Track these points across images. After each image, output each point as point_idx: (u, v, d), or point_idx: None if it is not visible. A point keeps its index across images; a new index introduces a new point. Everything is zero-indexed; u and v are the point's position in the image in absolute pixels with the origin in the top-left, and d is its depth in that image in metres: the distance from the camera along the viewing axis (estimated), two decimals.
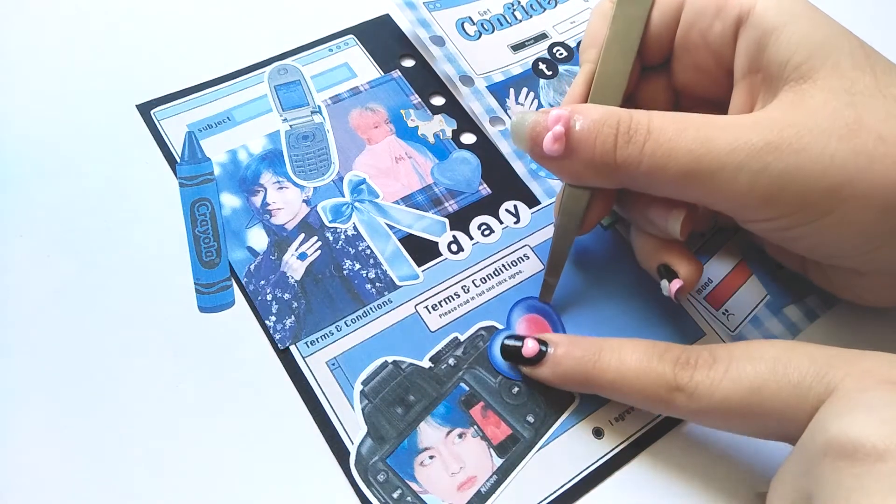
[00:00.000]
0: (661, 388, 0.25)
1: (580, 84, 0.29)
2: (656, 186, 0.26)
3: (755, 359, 0.24)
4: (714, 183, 0.24)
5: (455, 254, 0.33)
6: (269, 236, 0.32)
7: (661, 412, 0.27)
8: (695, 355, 0.25)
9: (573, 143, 0.26)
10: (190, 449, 0.27)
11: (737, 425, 0.25)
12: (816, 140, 0.23)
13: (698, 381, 0.24)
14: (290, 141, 0.35)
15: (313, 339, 0.30)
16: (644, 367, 0.26)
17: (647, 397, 0.26)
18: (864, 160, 0.23)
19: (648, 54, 0.30)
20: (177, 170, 0.34)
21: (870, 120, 0.23)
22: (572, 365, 0.27)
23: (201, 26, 0.40)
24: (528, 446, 0.28)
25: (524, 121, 0.27)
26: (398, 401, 0.29)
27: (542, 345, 0.28)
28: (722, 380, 0.24)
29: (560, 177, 0.28)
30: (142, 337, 0.30)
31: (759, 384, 0.23)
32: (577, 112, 0.26)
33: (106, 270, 0.31)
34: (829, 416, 0.21)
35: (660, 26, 0.29)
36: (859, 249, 0.25)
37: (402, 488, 0.27)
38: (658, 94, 0.31)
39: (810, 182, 0.23)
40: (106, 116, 0.36)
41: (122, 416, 0.28)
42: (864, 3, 0.42)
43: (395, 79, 0.38)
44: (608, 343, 0.27)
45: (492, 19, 0.41)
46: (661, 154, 0.24)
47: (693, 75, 0.30)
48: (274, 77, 0.38)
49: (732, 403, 0.24)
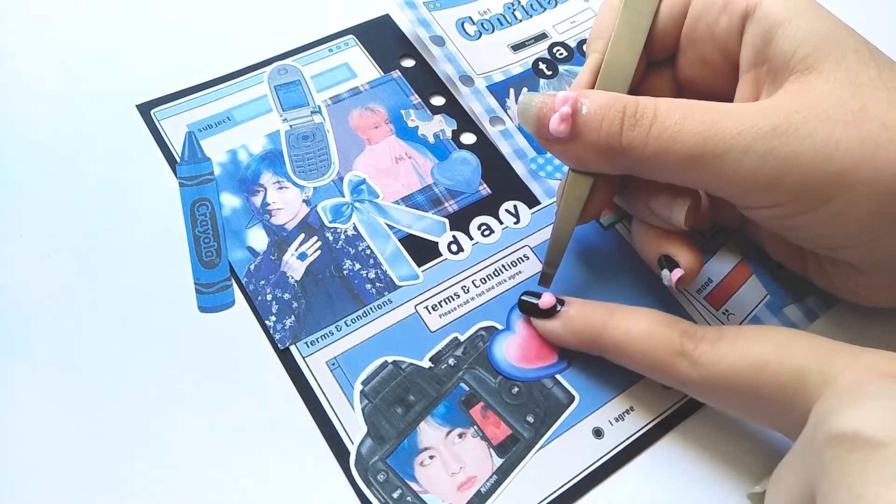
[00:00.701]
0: (667, 352, 0.26)
1: (587, 73, 0.29)
2: (661, 171, 0.26)
3: (761, 339, 0.24)
4: (719, 166, 0.24)
5: (455, 254, 0.33)
6: (269, 236, 0.32)
7: (664, 379, 0.27)
8: (703, 329, 0.26)
9: (579, 126, 0.26)
10: (190, 449, 0.27)
11: (734, 402, 0.25)
12: (822, 126, 0.23)
13: (703, 350, 0.25)
14: (290, 141, 0.35)
15: (313, 339, 0.30)
16: (652, 331, 0.26)
17: (652, 361, 0.26)
18: (869, 146, 0.23)
19: (655, 48, 0.30)
20: (177, 170, 0.34)
21: (874, 109, 0.23)
22: (583, 322, 0.28)
23: (201, 26, 0.40)
24: (528, 446, 0.28)
25: (531, 101, 0.27)
26: (398, 401, 0.29)
27: (558, 302, 0.29)
28: (727, 353, 0.25)
29: (565, 161, 0.28)
30: (142, 337, 0.30)
31: (762, 363, 0.24)
32: (584, 95, 0.26)
33: (106, 270, 0.31)
34: (831, 407, 0.21)
35: (667, 20, 0.29)
36: (860, 239, 0.25)
37: (402, 488, 0.27)
38: (662, 88, 0.31)
39: (815, 166, 0.23)
40: (106, 116, 0.36)
41: (122, 416, 0.28)
42: (865, 3, 0.42)
43: (395, 79, 0.38)
44: (620, 307, 0.28)
45: (492, 19, 0.41)
46: (667, 136, 0.24)
47: (698, 69, 0.30)
48: (274, 77, 0.38)
49: (733, 378, 0.24)
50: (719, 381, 0.25)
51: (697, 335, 0.26)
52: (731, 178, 0.24)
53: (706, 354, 0.25)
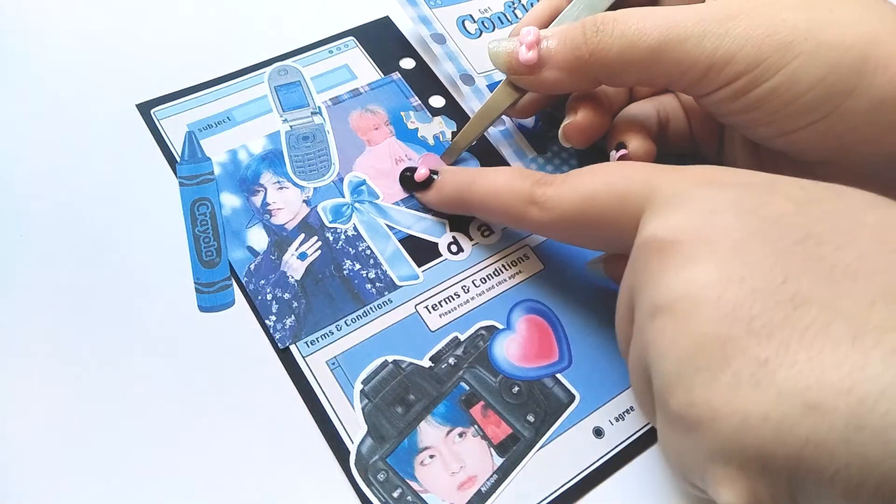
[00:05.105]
0: (521, 202, 0.28)
1: (545, 8, 0.33)
2: (629, 70, 0.28)
3: (594, 173, 0.27)
4: (682, 51, 0.26)
5: (455, 254, 0.33)
6: (270, 236, 0.32)
7: (521, 227, 0.31)
8: (553, 177, 0.28)
9: (545, 52, 0.29)
10: (190, 448, 0.27)
11: (577, 236, 0.28)
12: (771, 8, 0.26)
13: (548, 194, 0.27)
14: (291, 141, 0.35)
15: (313, 338, 0.30)
16: (509, 185, 0.29)
17: (508, 211, 0.29)
18: (814, 25, 0.25)
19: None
20: (177, 169, 0.34)
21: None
22: (453, 186, 0.32)
23: (202, 26, 0.40)
24: (529, 446, 0.28)
25: (499, 43, 0.31)
26: (398, 400, 0.29)
27: (433, 173, 0.33)
28: (566, 193, 0.27)
29: (540, 90, 0.31)
30: (142, 336, 0.29)
31: (592, 194, 0.26)
32: (543, 36, 0.29)
33: (106, 270, 0.31)
34: (645, 220, 0.23)
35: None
36: (809, 116, 0.26)
37: (402, 488, 0.27)
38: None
39: (766, 38, 0.25)
40: (106, 116, 0.36)
41: (122, 416, 0.28)
42: None
43: (394, 81, 0.38)
44: (485, 169, 0.31)
45: (493, 17, 0.41)
46: (631, 33, 0.27)
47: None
48: (274, 78, 0.38)
49: (573, 213, 0.27)
50: (562, 219, 0.27)
51: (547, 182, 0.28)
52: (693, 60, 0.26)
53: (551, 198, 0.27)
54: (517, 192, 0.29)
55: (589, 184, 0.26)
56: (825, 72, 0.25)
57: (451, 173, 0.32)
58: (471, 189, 0.31)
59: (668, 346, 0.20)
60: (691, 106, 0.33)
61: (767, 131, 0.28)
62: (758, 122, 0.27)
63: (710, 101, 0.28)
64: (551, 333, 0.31)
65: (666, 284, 0.20)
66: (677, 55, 0.26)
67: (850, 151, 0.27)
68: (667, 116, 0.33)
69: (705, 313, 0.19)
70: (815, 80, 0.25)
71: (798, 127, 0.27)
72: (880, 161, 0.27)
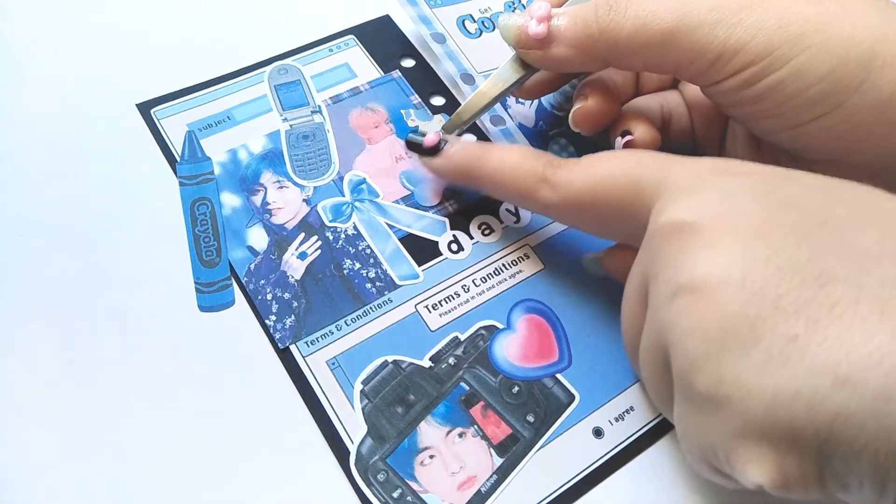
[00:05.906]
0: (532, 179, 0.28)
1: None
2: (639, 53, 0.27)
3: (610, 158, 0.27)
4: (693, 38, 0.26)
5: (455, 253, 0.33)
6: (269, 235, 0.32)
7: (530, 206, 0.30)
8: (565, 160, 0.28)
9: (555, 28, 0.29)
10: (189, 448, 0.27)
11: (585, 220, 0.28)
12: (784, 1, 0.26)
13: (560, 175, 0.27)
14: (291, 140, 0.35)
15: (313, 338, 0.30)
16: (520, 162, 0.29)
17: (518, 188, 0.29)
18: (825, 19, 0.25)
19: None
20: (177, 169, 0.34)
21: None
22: (463, 157, 0.31)
23: (201, 26, 0.40)
24: (528, 446, 0.28)
25: (510, 17, 0.30)
26: (398, 400, 0.29)
27: (441, 141, 0.32)
28: (580, 174, 0.27)
29: (548, 67, 0.31)
30: (142, 336, 0.30)
31: (606, 177, 0.26)
32: (555, 13, 0.29)
33: (106, 270, 0.31)
34: (662, 205, 0.23)
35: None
36: (816, 110, 0.26)
37: (402, 488, 0.27)
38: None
39: (776, 29, 0.25)
40: (106, 116, 0.36)
41: (122, 416, 0.28)
42: None
43: (395, 79, 0.38)
44: (496, 144, 0.31)
45: (493, 17, 0.41)
46: (644, 15, 0.27)
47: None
48: (274, 77, 0.38)
49: (585, 195, 0.27)
50: (573, 199, 0.27)
51: (559, 163, 0.28)
52: (704, 47, 0.26)
53: (563, 177, 0.27)
54: (529, 170, 0.28)
55: (603, 167, 0.26)
56: (833, 65, 0.25)
57: (462, 143, 0.32)
58: (481, 161, 0.30)
59: (693, 325, 0.20)
60: (694, 103, 0.33)
61: (772, 124, 0.28)
62: (763, 115, 0.27)
63: (716, 91, 0.28)
64: (551, 333, 0.31)
65: (688, 265, 0.21)
66: (689, 41, 0.26)
67: (853, 149, 0.27)
68: (669, 112, 0.33)
69: (731, 292, 0.19)
70: (823, 73, 0.25)
71: (803, 121, 0.27)
72: (884, 160, 0.27)
